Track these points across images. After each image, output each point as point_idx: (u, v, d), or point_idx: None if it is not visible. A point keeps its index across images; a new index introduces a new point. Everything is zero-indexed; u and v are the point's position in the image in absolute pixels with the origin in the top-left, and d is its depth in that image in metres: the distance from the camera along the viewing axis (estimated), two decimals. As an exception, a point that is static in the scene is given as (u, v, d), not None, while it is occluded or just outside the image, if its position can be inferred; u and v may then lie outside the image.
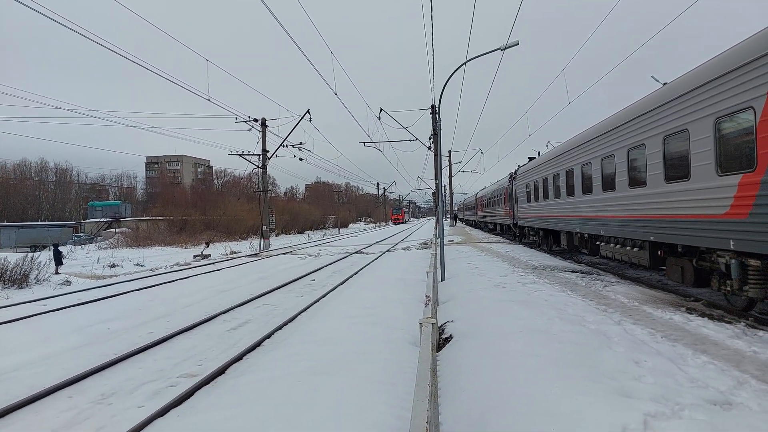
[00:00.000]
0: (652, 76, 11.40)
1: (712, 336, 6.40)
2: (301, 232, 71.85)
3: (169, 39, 20.52)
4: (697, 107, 8.28)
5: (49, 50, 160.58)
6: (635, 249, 11.54)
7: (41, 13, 12.42)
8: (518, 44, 15.02)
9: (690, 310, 8.17)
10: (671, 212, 9.30)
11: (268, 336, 8.86)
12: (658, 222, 9.83)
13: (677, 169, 9.06)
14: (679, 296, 9.84)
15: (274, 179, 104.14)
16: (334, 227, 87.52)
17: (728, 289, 8.08)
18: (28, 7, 11.87)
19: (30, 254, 21.51)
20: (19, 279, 18.68)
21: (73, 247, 43.51)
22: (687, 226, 8.77)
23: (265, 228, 35.84)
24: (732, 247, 7.46)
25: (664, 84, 10.05)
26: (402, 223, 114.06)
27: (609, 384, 4.67)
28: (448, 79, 15.18)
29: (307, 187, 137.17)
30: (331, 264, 22.11)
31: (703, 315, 7.78)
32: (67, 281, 20.09)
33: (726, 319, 7.55)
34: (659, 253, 10.59)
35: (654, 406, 4.12)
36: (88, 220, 65.60)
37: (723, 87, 7.56)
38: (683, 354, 5.61)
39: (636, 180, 10.79)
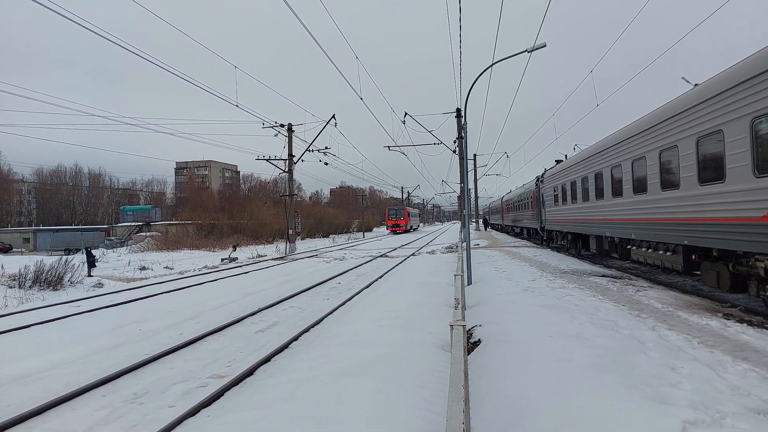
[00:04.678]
0: (682, 77, 11.15)
1: (753, 343, 6.18)
2: (326, 235, 72.31)
3: (198, 47, 20.98)
4: (732, 107, 8.05)
5: (82, 58, 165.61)
6: (668, 253, 11.25)
7: (83, 26, 12.84)
8: (545, 46, 14.87)
9: (727, 316, 7.92)
10: (706, 215, 9.04)
11: (296, 338, 8.92)
12: (691, 225, 9.57)
13: (711, 171, 8.82)
14: (715, 302, 9.55)
15: (300, 184, 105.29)
16: (358, 231, 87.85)
17: (767, 294, 7.81)
18: (66, 18, 12.29)
19: (64, 257, 22.16)
20: (54, 281, 19.25)
21: (105, 250, 44.79)
22: (722, 229, 8.51)
23: (291, 232, 36.18)
24: (772, 250, 7.21)
25: (696, 85, 9.81)
26: (405, 231, 72.30)
27: (644, 390, 4.54)
28: (474, 82, 15.12)
29: (331, 191, 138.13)
30: (356, 267, 22.17)
31: (741, 321, 7.53)
32: (100, 283, 20.62)
33: (766, 325, 7.28)
34: (693, 257, 10.31)
35: (693, 414, 3.99)
36: (119, 224, 67.57)
37: (760, 86, 7.33)
38: (722, 361, 5.43)
39: (668, 182, 10.53)
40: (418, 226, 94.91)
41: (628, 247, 13.95)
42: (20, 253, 50.74)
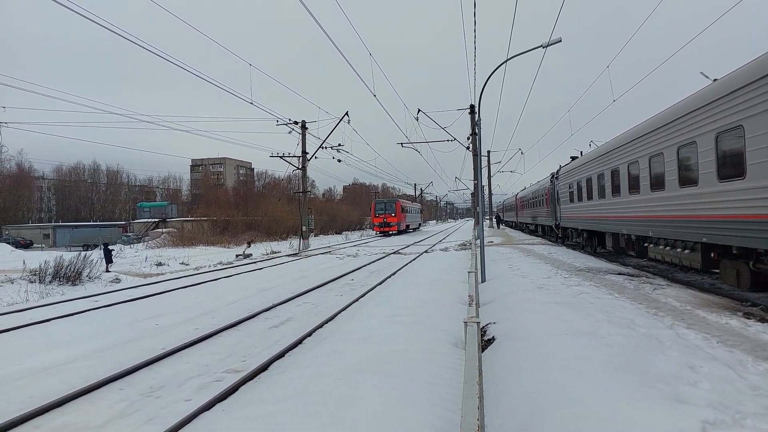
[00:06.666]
0: (701, 72, 10.93)
1: (774, 342, 6.06)
2: (339, 232, 72.45)
3: (213, 44, 21.09)
4: (752, 103, 7.89)
5: (97, 56, 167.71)
6: (686, 251, 11.08)
7: (98, 23, 13.00)
8: (561, 41, 14.69)
9: (747, 315, 7.77)
10: (725, 212, 8.88)
11: (309, 334, 8.96)
12: (711, 222, 9.41)
13: (731, 167, 8.65)
14: (735, 300, 9.38)
15: (313, 180, 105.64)
16: (371, 228, 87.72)
17: (790, 293, 7.66)
18: (81, 15, 12.44)
19: (83, 253, 22.51)
20: (73, 276, 19.57)
21: (122, 246, 45.30)
22: (743, 226, 8.35)
23: (304, 228, 36.32)
24: (794, 248, 7.06)
25: (714, 80, 9.62)
26: (398, 232, 54.52)
27: (662, 389, 4.48)
28: (488, 78, 14.99)
29: (344, 188, 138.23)
30: (369, 264, 22.19)
31: (762, 320, 7.38)
32: (117, 279, 20.93)
33: (788, 325, 7.13)
34: (712, 255, 10.13)
35: (712, 414, 3.93)
36: (136, 221, 68.38)
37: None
38: (742, 360, 5.33)
39: (687, 179, 10.36)
40: (419, 224, 75.49)
41: (645, 244, 13.76)
42: (40, 248, 51.66)
